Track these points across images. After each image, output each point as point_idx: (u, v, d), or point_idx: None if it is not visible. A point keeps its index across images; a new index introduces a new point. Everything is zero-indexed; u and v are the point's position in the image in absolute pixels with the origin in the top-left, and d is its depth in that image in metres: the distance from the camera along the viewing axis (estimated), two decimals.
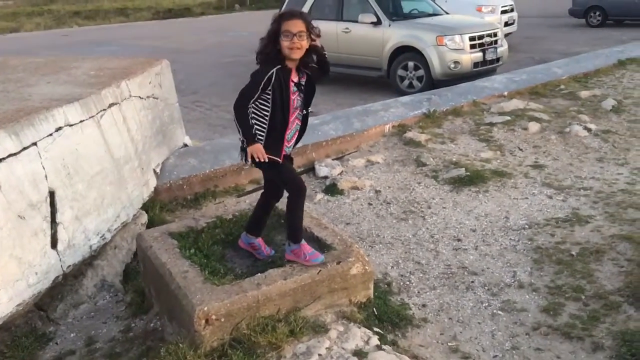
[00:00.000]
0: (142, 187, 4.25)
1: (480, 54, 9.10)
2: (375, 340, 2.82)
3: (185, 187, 4.81)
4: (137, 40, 18.93)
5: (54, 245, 3.12)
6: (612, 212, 4.43)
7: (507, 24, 12.60)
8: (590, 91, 8.07)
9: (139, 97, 4.36)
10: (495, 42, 9.37)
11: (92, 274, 3.54)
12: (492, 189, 4.98)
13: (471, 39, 9.02)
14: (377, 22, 9.50)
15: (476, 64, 9.09)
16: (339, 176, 5.29)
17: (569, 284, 3.51)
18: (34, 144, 3.04)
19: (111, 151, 3.76)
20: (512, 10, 13.45)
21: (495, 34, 9.42)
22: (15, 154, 2.90)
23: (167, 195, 4.69)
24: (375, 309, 3.17)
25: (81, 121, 3.47)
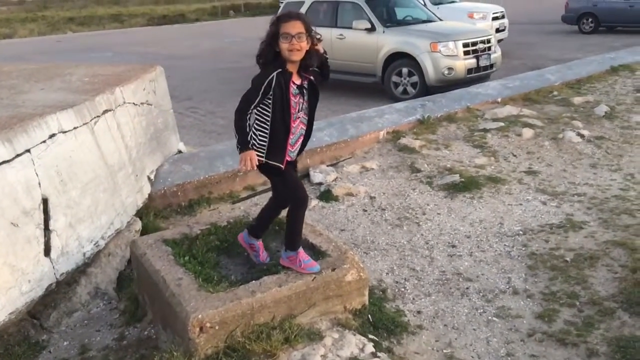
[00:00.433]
0: (136, 194, 4.23)
1: (473, 61, 9.14)
2: (370, 347, 2.81)
3: (179, 194, 4.80)
4: (132, 46, 18.93)
5: (47, 252, 3.11)
6: (605, 218, 4.45)
7: (498, 30, 12.70)
8: (583, 97, 8.12)
9: (133, 103, 4.35)
10: (488, 48, 9.42)
11: (86, 282, 3.52)
12: (486, 195, 4.99)
13: (465, 45, 9.06)
14: (372, 29, 9.54)
15: (470, 71, 9.13)
16: (334, 182, 5.29)
17: (563, 290, 3.51)
18: (28, 151, 3.03)
19: (105, 158, 3.75)
20: (503, 16, 13.60)
21: (488, 41, 9.47)
22: (8, 161, 2.89)
23: (161, 202, 4.68)
24: (370, 316, 3.16)
25: (75, 128, 3.46)
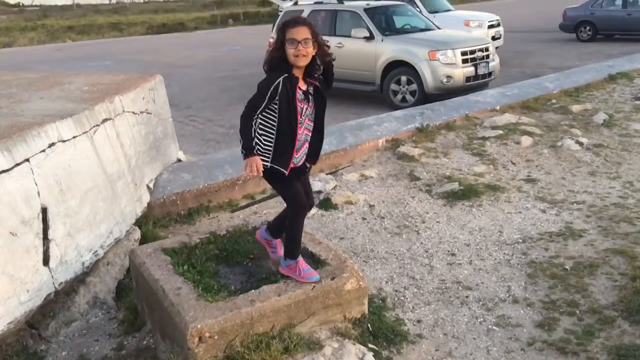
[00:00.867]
0: (135, 203, 4.23)
1: (472, 69, 9.17)
2: (370, 356, 2.80)
3: (178, 203, 4.79)
4: (131, 54, 18.98)
5: (46, 262, 3.10)
6: (605, 226, 4.45)
7: (494, 38, 12.78)
8: (581, 105, 8.14)
9: (132, 112, 4.35)
10: (487, 56, 9.45)
11: (84, 291, 3.51)
12: (485, 203, 4.99)
13: (463, 53, 9.09)
14: (370, 37, 9.58)
15: (468, 79, 9.16)
16: (333, 191, 5.29)
17: (563, 298, 3.51)
18: (27, 160, 3.03)
19: (104, 167, 3.75)
20: (498, 24, 13.73)
21: (487, 49, 9.50)
22: (7, 171, 2.89)
23: (161, 210, 4.67)
24: (369, 325, 3.16)
25: (74, 137, 3.46)
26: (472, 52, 9.21)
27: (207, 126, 8.77)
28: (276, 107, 2.80)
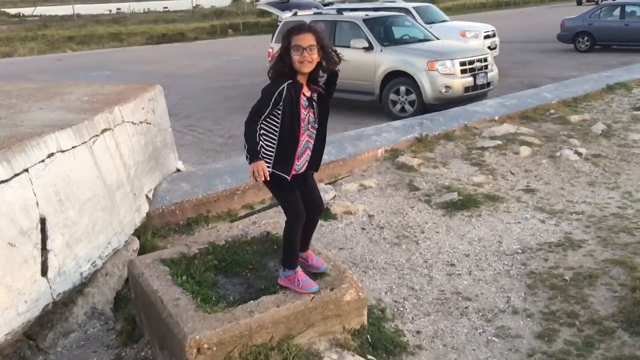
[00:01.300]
0: (134, 213, 4.23)
1: (471, 79, 9.20)
2: None
3: (177, 213, 4.79)
4: (131, 65, 19.04)
5: (44, 272, 3.09)
6: (604, 236, 4.44)
7: (489, 49, 12.86)
8: (580, 115, 8.16)
9: (131, 122, 4.36)
10: (485, 67, 9.48)
11: (83, 302, 3.50)
12: (484, 214, 4.99)
13: (462, 64, 9.13)
14: (369, 48, 9.61)
15: (467, 89, 9.18)
16: (332, 201, 5.29)
17: (563, 309, 3.50)
18: (26, 171, 3.03)
19: (103, 177, 3.75)
20: (494, 35, 13.87)
21: (485, 59, 9.54)
22: (6, 181, 2.89)
23: (160, 220, 4.67)
24: (369, 336, 3.14)
25: (73, 147, 3.46)
26: (471, 62, 9.25)
27: (206, 136, 8.78)
28: (280, 112, 2.82)
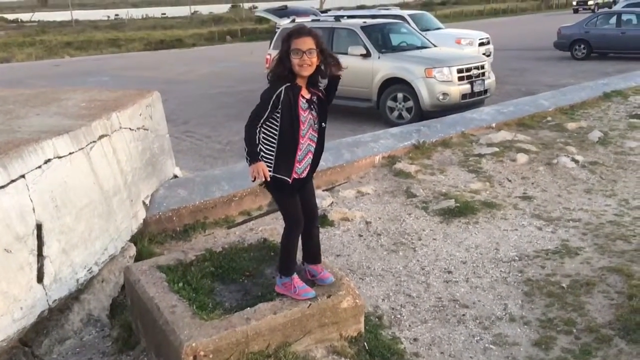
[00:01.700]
0: (131, 219, 4.22)
1: (468, 86, 9.23)
2: None
3: (174, 219, 4.78)
4: (129, 70, 19.05)
5: (40, 279, 3.08)
6: (601, 243, 4.45)
7: (484, 55, 12.93)
8: (576, 123, 8.19)
9: (129, 128, 4.36)
10: (482, 74, 9.51)
11: (79, 308, 3.48)
12: (481, 221, 4.99)
13: (459, 71, 9.15)
14: (367, 55, 9.64)
15: (464, 96, 9.21)
16: (329, 207, 5.28)
17: (560, 317, 3.49)
18: (22, 177, 3.02)
19: (100, 183, 3.74)
20: (488, 42, 13.98)
21: (482, 67, 9.58)
22: (2, 187, 2.88)
23: (156, 227, 4.65)
24: (366, 344, 3.13)
25: (70, 153, 3.46)
26: (468, 69, 9.28)
27: (204, 142, 8.78)
28: (279, 116, 2.82)
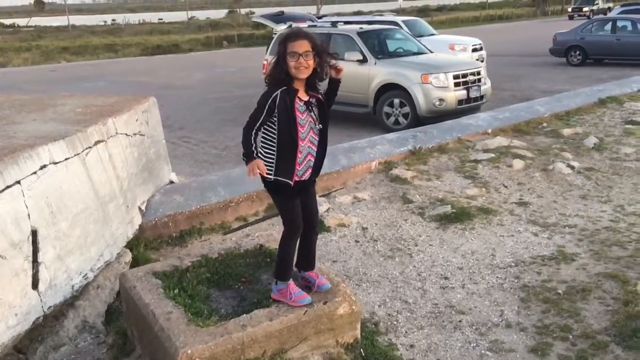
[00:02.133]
0: (127, 225, 4.21)
1: (464, 92, 9.25)
2: None
3: (170, 225, 4.77)
4: (125, 76, 19.04)
5: (35, 285, 3.06)
6: (597, 250, 4.46)
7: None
8: (572, 129, 8.22)
9: (125, 134, 4.35)
10: (478, 80, 9.55)
11: (74, 315, 3.46)
12: (478, 226, 4.99)
13: (455, 77, 9.18)
14: (363, 60, 9.66)
15: (460, 102, 9.23)
16: (326, 213, 5.28)
17: (556, 323, 3.49)
18: (18, 182, 3.01)
19: (96, 189, 3.73)
20: (481, 48, 14.13)
21: (478, 73, 9.61)
22: None
23: (152, 233, 4.64)
24: (362, 350, 3.13)
25: (66, 159, 3.45)
26: (464, 75, 9.31)
27: (200, 147, 8.77)
28: (276, 120, 2.83)
